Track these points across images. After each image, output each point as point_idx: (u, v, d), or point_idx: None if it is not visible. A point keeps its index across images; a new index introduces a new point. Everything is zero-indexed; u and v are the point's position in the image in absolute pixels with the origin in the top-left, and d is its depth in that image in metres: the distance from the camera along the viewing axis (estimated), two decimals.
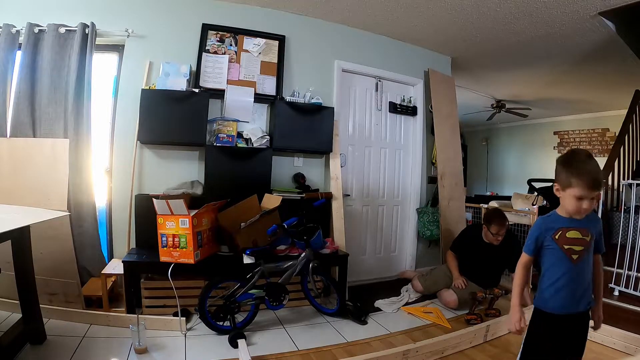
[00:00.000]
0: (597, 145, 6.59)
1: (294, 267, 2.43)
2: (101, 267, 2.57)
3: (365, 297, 2.98)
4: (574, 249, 1.34)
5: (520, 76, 4.80)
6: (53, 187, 2.41)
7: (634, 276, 2.57)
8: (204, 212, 2.39)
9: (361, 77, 3.59)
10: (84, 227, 2.64)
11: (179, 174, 2.87)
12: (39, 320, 1.99)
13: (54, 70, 2.59)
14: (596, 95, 5.45)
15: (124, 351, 1.96)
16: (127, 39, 2.77)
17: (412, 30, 3.49)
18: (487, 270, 2.87)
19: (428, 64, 3.87)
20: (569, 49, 3.66)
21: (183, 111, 2.69)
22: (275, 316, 2.56)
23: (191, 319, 2.40)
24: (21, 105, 2.53)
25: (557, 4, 2.80)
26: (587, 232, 1.35)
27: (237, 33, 3.04)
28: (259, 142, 2.95)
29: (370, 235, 3.66)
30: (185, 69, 2.80)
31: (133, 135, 2.74)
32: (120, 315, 2.29)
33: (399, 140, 3.84)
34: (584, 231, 1.35)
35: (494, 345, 2.22)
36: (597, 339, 2.25)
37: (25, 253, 1.93)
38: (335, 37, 3.41)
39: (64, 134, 2.59)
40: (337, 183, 3.21)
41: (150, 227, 2.39)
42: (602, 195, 2.84)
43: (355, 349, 2.14)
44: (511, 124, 7.83)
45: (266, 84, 3.11)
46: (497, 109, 6.26)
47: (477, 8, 2.97)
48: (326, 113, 3.13)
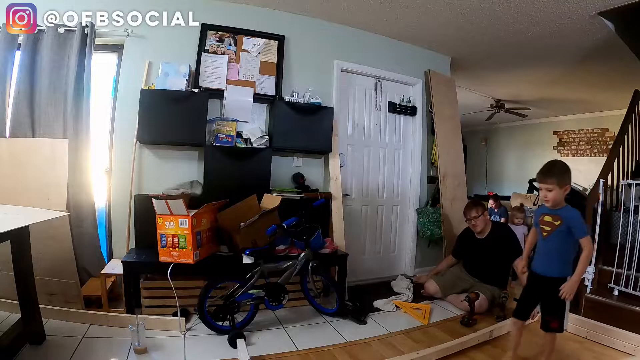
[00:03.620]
0: (596, 145, 6.59)
1: (293, 267, 2.43)
2: (100, 267, 2.56)
3: (365, 297, 2.98)
4: (544, 228, 1.87)
5: (519, 76, 4.80)
6: (52, 187, 2.41)
7: (633, 276, 2.57)
8: (203, 212, 2.39)
9: (360, 77, 3.59)
10: (84, 227, 2.63)
11: (179, 174, 2.87)
12: (38, 320, 1.99)
13: (53, 70, 2.59)
14: (595, 95, 5.45)
15: (124, 351, 1.96)
16: (126, 39, 2.77)
17: (412, 30, 3.49)
18: (490, 267, 2.87)
19: (427, 64, 3.87)
20: (569, 49, 3.66)
21: (182, 111, 2.69)
22: (274, 316, 2.56)
23: (190, 319, 2.39)
24: (20, 105, 2.53)
25: (556, 4, 2.80)
26: (558, 218, 1.81)
27: (236, 33, 3.04)
28: (258, 142, 2.95)
29: (369, 235, 3.66)
30: (185, 69, 2.80)
31: (132, 135, 2.73)
32: (120, 316, 2.28)
33: (399, 140, 3.84)
34: (555, 217, 1.82)
35: (494, 345, 2.22)
36: (596, 339, 2.25)
37: (25, 253, 1.92)
38: (334, 37, 3.41)
39: (63, 134, 2.59)
40: (337, 183, 3.21)
41: (149, 227, 2.39)
42: (602, 195, 2.83)
43: (354, 349, 2.14)
44: (510, 123, 7.83)
45: (265, 84, 3.11)
46: (497, 108, 6.27)
47: (477, 8, 2.96)
48: (325, 113, 3.12)
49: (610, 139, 6.03)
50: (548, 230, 1.84)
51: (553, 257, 1.84)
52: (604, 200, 2.88)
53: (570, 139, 6.99)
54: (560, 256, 1.83)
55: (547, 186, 1.78)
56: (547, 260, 1.86)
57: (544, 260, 1.87)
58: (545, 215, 1.86)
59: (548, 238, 1.85)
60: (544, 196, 1.81)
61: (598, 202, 2.82)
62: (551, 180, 1.77)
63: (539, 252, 1.90)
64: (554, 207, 1.82)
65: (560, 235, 1.81)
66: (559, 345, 2.19)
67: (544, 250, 1.88)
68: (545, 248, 1.87)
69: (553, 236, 1.83)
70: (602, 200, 2.83)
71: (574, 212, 1.82)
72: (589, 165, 6.43)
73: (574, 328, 2.37)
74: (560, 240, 1.82)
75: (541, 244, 1.90)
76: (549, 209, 1.84)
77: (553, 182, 1.77)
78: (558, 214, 1.81)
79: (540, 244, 1.90)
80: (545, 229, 1.85)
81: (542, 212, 1.90)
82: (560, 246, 1.82)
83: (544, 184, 1.79)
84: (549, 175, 1.79)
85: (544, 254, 1.88)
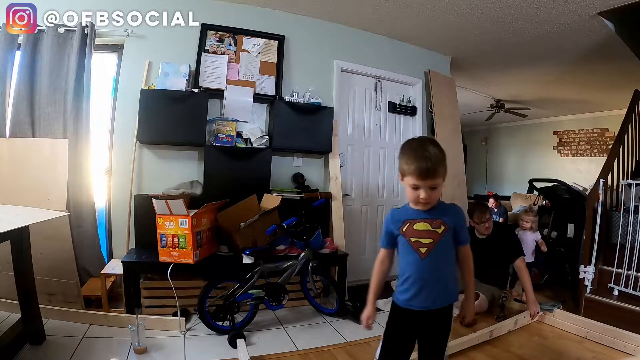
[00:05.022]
0: (596, 145, 6.59)
1: (293, 267, 2.43)
2: (100, 267, 2.56)
3: (365, 297, 2.97)
4: (421, 241, 1.25)
5: (519, 76, 4.80)
6: (52, 187, 2.41)
7: (633, 276, 2.57)
8: (203, 212, 2.39)
9: (360, 77, 3.59)
10: (84, 227, 2.64)
11: (179, 174, 2.87)
12: (38, 320, 1.99)
13: (53, 70, 2.59)
14: (595, 95, 5.45)
15: (124, 351, 1.96)
16: (126, 39, 2.77)
17: (412, 31, 3.49)
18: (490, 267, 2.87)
19: (427, 64, 3.87)
20: (568, 49, 3.66)
21: (182, 111, 2.69)
22: (274, 316, 2.56)
23: (190, 319, 2.39)
24: (20, 105, 2.53)
25: (556, 4, 2.80)
26: (441, 224, 1.25)
27: (236, 33, 3.04)
28: (258, 142, 2.95)
29: (369, 235, 3.66)
30: (185, 69, 2.80)
31: (132, 135, 2.73)
32: (120, 316, 2.28)
33: (399, 140, 3.83)
34: (436, 223, 1.25)
35: (494, 345, 2.22)
36: (596, 339, 2.25)
37: (25, 253, 1.92)
38: (334, 37, 3.41)
39: (63, 134, 2.59)
40: (337, 183, 3.21)
41: (149, 227, 2.39)
42: (602, 195, 2.83)
43: (354, 349, 2.14)
44: (510, 123, 7.84)
45: (265, 84, 3.11)
46: (497, 108, 6.27)
47: (477, 8, 2.97)
48: (325, 113, 3.13)
49: (610, 139, 6.03)
50: (428, 244, 1.24)
51: (440, 282, 1.27)
52: (604, 200, 2.88)
53: (570, 139, 6.99)
54: (450, 278, 1.30)
55: (434, 182, 1.20)
56: (434, 289, 1.26)
57: (425, 289, 1.26)
58: (418, 221, 1.26)
59: (430, 255, 1.25)
60: (425, 197, 1.20)
61: (598, 202, 2.81)
62: (441, 171, 1.20)
63: (413, 280, 1.27)
64: (432, 208, 1.26)
65: (447, 248, 1.28)
66: (559, 346, 2.19)
67: (422, 274, 1.26)
68: (425, 270, 1.26)
69: (440, 252, 1.25)
70: (602, 200, 2.83)
71: (459, 210, 1.34)
72: (589, 165, 6.45)
73: (574, 328, 2.37)
74: (446, 255, 1.28)
75: (414, 265, 1.27)
76: (428, 211, 1.26)
77: (441, 176, 1.20)
78: (441, 217, 1.26)
79: (412, 266, 1.27)
80: (424, 243, 1.25)
81: (408, 217, 1.28)
82: (448, 264, 1.29)
83: (430, 180, 1.19)
84: (439, 165, 1.19)
85: (422, 278, 1.26)
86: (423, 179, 1.18)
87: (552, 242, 3.47)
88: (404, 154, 1.25)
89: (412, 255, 1.26)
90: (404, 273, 1.30)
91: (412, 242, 1.26)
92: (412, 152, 1.22)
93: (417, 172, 1.18)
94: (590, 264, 2.70)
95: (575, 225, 3.28)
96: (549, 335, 2.36)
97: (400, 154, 1.28)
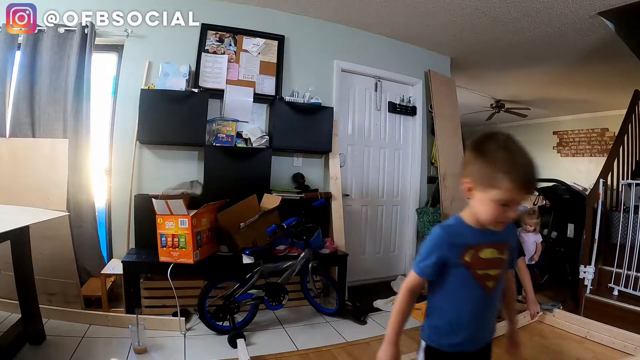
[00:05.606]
0: (596, 145, 6.59)
1: (293, 267, 2.43)
2: (100, 267, 2.56)
3: (365, 297, 2.98)
4: (489, 274, 0.95)
5: (519, 76, 4.80)
6: (52, 187, 2.41)
7: (633, 276, 2.57)
8: (203, 212, 2.39)
9: (360, 77, 3.59)
10: (84, 227, 2.64)
11: (178, 174, 2.87)
12: (38, 320, 1.99)
13: (53, 70, 2.59)
14: (595, 95, 5.45)
15: (124, 351, 1.96)
16: (126, 39, 2.77)
17: (411, 31, 3.49)
18: None
19: (427, 64, 3.86)
20: (568, 49, 3.66)
21: (182, 111, 2.69)
22: (274, 316, 2.56)
23: (190, 319, 2.39)
24: (20, 105, 2.53)
25: (556, 4, 2.80)
26: (505, 247, 0.99)
27: (236, 33, 3.04)
28: (258, 142, 2.95)
29: (369, 235, 3.66)
30: (185, 69, 2.80)
31: (132, 135, 2.73)
32: (120, 316, 2.29)
33: (399, 140, 3.84)
34: (502, 247, 0.97)
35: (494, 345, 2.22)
36: (596, 339, 2.25)
37: (25, 253, 1.93)
38: (334, 37, 3.41)
39: (63, 134, 2.59)
40: (337, 183, 3.21)
41: (149, 227, 2.39)
42: (602, 195, 2.83)
43: (354, 349, 2.14)
44: (510, 123, 7.82)
45: (265, 84, 3.11)
46: (497, 108, 6.26)
47: (477, 8, 2.96)
48: (325, 113, 3.12)
49: (610, 139, 6.02)
50: (496, 276, 0.97)
51: (494, 315, 1.04)
52: (604, 200, 2.88)
53: (570, 139, 6.99)
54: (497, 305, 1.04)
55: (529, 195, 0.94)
56: (488, 325, 1.04)
57: (481, 327, 1.01)
58: (485, 247, 0.96)
59: (495, 289, 0.98)
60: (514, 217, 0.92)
61: (598, 202, 2.82)
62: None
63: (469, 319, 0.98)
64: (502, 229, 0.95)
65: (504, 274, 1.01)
66: (559, 346, 2.19)
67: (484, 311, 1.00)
68: (487, 307, 1.00)
69: (501, 282, 1.00)
70: (602, 200, 2.83)
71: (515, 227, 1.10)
72: (589, 165, 6.45)
73: (574, 328, 2.38)
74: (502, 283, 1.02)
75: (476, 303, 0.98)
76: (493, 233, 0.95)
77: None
78: (506, 239, 0.99)
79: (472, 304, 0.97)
80: (492, 275, 0.96)
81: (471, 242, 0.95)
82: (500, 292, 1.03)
83: (531, 194, 0.97)
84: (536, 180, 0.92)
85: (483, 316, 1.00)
86: (527, 193, 0.89)
87: (552, 242, 3.47)
88: (492, 157, 0.90)
89: (476, 291, 0.96)
90: (459, 313, 0.98)
91: (479, 275, 0.95)
92: (508, 156, 0.89)
93: (522, 185, 0.86)
94: (590, 264, 2.71)
95: (575, 225, 3.29)
96: (549, 335, 2.36)
97: (478, 155, 0.93)
